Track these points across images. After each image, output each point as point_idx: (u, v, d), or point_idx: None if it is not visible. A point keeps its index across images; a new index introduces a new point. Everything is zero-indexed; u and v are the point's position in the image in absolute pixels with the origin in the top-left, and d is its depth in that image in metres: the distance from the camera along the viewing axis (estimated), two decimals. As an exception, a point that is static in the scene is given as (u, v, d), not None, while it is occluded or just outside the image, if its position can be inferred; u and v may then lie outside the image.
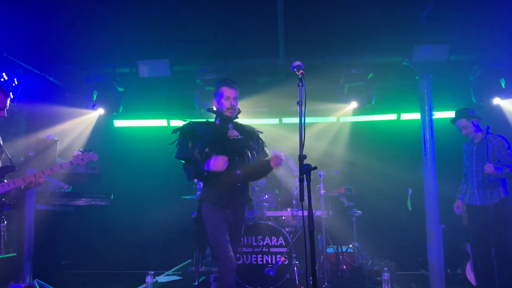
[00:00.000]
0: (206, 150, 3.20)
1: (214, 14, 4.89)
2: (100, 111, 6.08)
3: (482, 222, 4.55)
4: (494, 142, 4.51)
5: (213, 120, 3.54)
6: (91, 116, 6.33)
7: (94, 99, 5.95)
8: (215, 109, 3.50)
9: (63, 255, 5.95)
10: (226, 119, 3.42)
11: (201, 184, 5.46)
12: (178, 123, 3.41)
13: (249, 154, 3.34)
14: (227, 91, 3.39)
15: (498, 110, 5.87)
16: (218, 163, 3.08)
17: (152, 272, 4.98)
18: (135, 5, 4.69)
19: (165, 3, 4.68)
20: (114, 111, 6.13)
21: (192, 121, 3.45)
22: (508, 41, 5.30)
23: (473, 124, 4.67)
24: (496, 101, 5.62)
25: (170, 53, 5.68)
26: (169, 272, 6.37)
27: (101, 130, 6.81)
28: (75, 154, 4.10)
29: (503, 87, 5.49)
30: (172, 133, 3.42)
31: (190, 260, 6.69)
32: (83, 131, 6.43)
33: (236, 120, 3.51)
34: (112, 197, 5.41)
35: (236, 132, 3.39)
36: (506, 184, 4.53)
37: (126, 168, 7.22)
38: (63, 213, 5.44)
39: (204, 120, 3.51)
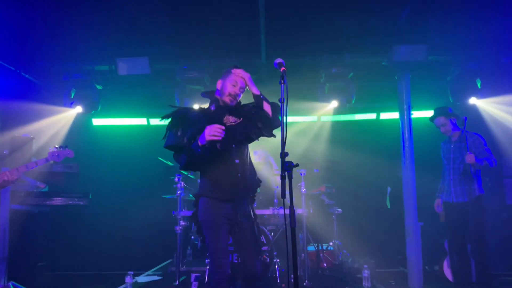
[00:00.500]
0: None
1: (195, 12, 4.85)
2: (78, 109, 5.96)
3: (458, 219, 4.64)
4: (471, 140, 4.62)
5: (207, 106, 3.19)
6: (68, 114, 6.20)
7: (72, 97, 5.83)
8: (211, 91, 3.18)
9: (39, 257, 5.81)
10: (223, 107, 3.07)
11: (182, 183, 5.45)
12: (158, 121, 3.24)
13: (254, 135, 3.04)
14: (238, 77, 3.06)
15: (474, 110, 6.01)
16: (214, 131, 2.74)
17: (132, 272, 4.92)
18: (114, 2, 4.62)
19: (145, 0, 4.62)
20: (92, 109, 6.02)
21: (184, 107, 3.14)
22: (484, 43, 5.43)
23: (451, 122, 4.76)
24: (472, 100, 5.76)
25: (150, 51, 5.61)
26: (149, 272, 6.29)
27: (79, 128, 6.68)
28: (51, 151, 4.01)
29: (479, 87, 5.63)
30: (161, 119, 3.08)
31: (170, 260, 6.62)
32: (60, 130, 6.29)
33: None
34: (90, 197, 5.31)
35: (232, 118, 3.04)
36: (481, 182, 4.64)
37: (105, 167, 7.09)
38: (39, 213, 5.31)
39: (197, 107, 3.18)
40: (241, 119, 3.06)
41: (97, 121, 7.57)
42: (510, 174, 6.66)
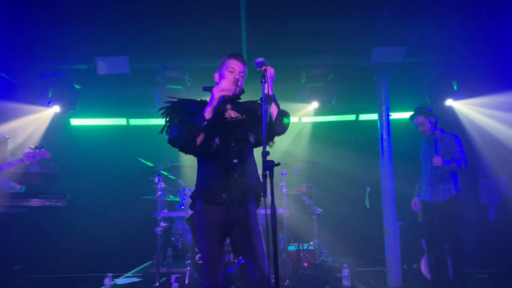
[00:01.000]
0: None
1: (176, 12, 4.82)
2: (56, 108, 5.85)
3: (435, 218, 4.73)
4: (448, 140, 4.73)
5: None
6: (45, 114, 6.08)
7: (49, 96, 5.73)
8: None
9: (15, 259, 5.67)
10: (225, 100, 2.79)
11: (162, 184, 5.41)
12: (137, 121, 3.18)
13: (251, 138, 2.81)
14: (234, 63, 2.82)
15: (451, 111, 6.16)
16: (226, 85, 2.60)
17: (111, 274, 4.86)
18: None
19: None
20: (70, 109, 5.93)
21: (182, 99, 2.87)
22: (461, 46, 5.56)
23: (430, 122, 4.85)
24: (449, 102, 5.90)
25: (130, 50, 5.55)
26: (129, 274, 6.21)
27: (57, 128, 6.56)
28: (26, 151, 3.94)
29: (455, 89, 5.77)
30: (158, 111, 2.88)
31: (150, 262, 6.57)
32: (37, 129, 6.16)
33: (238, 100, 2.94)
34: (68, 198, 5.21)
35: (234, 113, 2.81)
36: (458, 182, 4.75)
37: (83, 168, 6.98)
38: (15, 215, 5.18)
39: (198, 99, 2.93)
40: (244, 116, 2.83)
41: (75, 121, 7.44)
42: (485, 174, 6.84)
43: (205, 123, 2.59)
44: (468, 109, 6.12)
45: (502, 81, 5.70)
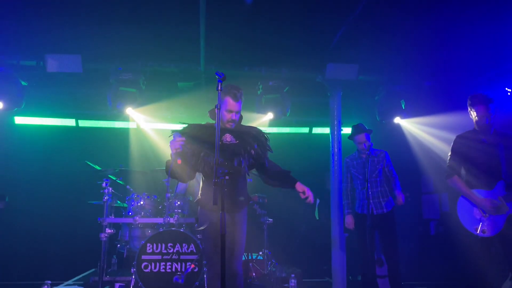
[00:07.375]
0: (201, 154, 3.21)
1: (134, 14, 4.72)
2: (-1, 105, 5.54)
3: (374, 230, 4.77)
4: (382, 155, 4.90)
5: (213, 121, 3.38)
6: (-14, 110, 5.73)
7: (-8, 92, 5.41)
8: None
9: None
10: (223, 128, 3.35)
11: (110, 189, 5.24)
12: (87, 123, 3.17)
13: (240, 160, 3.25)
14: (231, 104, 3.26)
15: (398, 129, 6.42)
16: (172, 144, 3.03)
17: (49, 282, 4.62)
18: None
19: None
20: (15, 106, 5.63)
21: (190, 126, 3.36)
22: (409, 67, 5.84)
23: (368, 138, 4.88)
24: (397, 120, 6.16)
25: (84, 49, 5.36)
26: (70, 281, 5.92)
27: (-1, 126, 6.21)
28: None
29: (403, 107, 6.04)
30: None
31: (93, 269, 6.30)
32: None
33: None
34: (7, 200, 4.93)
35: (230, 137, 3.33)
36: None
37: (26, 169, 6.60)
38: None
39: (204, 122, 3.44)
40: (237, 141, 3.31)
41: (20, 119, 7.06)
42: (428, 190, 7.17)
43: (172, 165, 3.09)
44: (414, 127, 6.41)
45: (446, 102, 6.02)
